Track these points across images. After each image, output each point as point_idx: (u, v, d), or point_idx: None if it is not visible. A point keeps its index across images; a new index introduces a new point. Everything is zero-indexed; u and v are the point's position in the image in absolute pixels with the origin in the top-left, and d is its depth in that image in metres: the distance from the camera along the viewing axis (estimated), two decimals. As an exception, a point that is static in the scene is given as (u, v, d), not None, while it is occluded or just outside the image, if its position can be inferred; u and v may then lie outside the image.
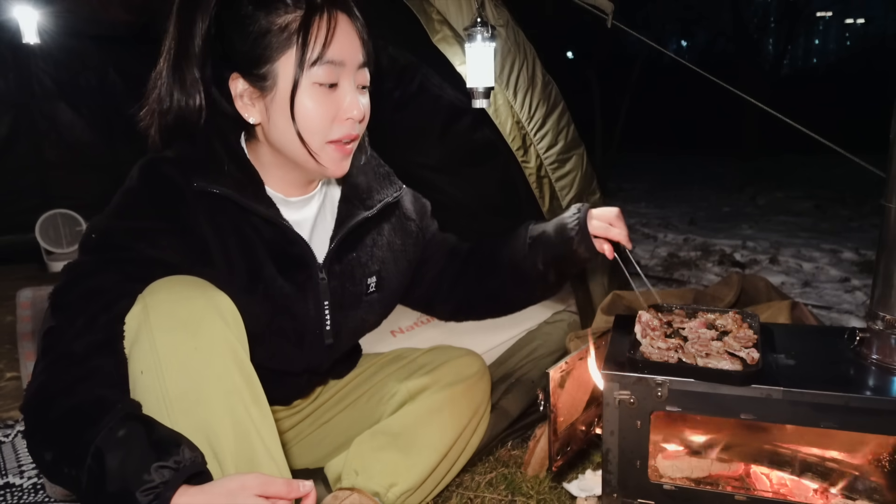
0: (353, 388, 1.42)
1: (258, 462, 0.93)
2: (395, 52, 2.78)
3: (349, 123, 1.05)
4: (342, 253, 1.19)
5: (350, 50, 1.03)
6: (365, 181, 1.23)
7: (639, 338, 1.24)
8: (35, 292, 2.80)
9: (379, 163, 1.28)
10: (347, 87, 1.04)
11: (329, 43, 1.00)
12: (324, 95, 1.02)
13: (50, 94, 3.61)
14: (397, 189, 1.27)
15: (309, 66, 1.00)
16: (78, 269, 0.98)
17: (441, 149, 3.01)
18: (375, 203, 1.22)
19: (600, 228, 1.23)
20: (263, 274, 1.09)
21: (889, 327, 1.14)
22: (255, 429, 0.93)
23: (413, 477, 1.26)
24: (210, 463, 0.88)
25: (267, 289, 1.09)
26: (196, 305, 0.92)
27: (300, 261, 1.13)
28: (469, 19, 1.63)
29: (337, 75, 1.03)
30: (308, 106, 1.02)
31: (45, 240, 3.39)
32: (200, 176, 1.03)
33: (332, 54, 1.01)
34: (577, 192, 1.89)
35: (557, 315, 2.16)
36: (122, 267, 0.97)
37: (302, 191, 1.16)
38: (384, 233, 1.26)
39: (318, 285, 1.16)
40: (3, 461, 1.58)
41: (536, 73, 1.80)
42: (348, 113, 1.04)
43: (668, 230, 4.66)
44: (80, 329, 0.92)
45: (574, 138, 1.90)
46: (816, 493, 1.24)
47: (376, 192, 1.23)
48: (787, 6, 9.78)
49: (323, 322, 1.18)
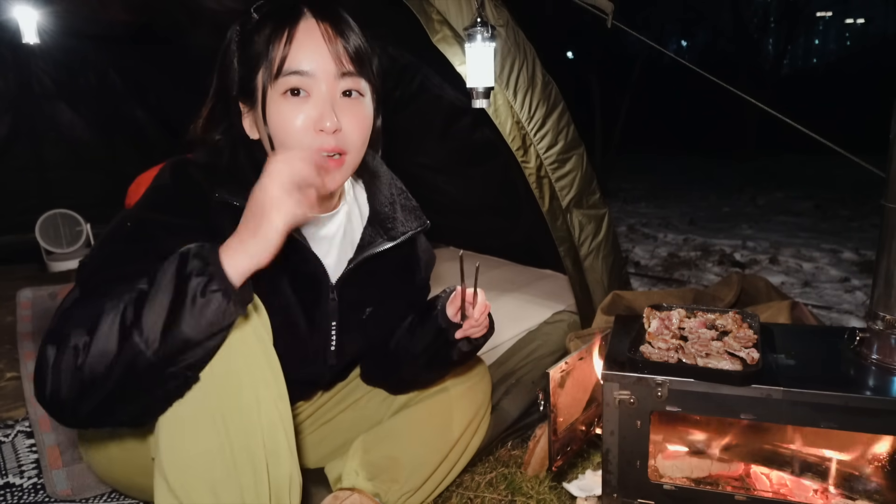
0: (354, 388, 1.42)
1: (281, 455, 0.93)
2: (395, 52, 2.78)
3: (324, 136, 1.03)
4: (356, 277, 1.19)
5: (318, 59, 1.02)
6: (391, 212, 1.23)
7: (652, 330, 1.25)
8: (35, 292, 2.80)
9: (407, 196, 1.28)
10: (320, 97, 1.03)
11: (288, 51, 1.01)
12: (294, 106, 1.02)
13: (50, 94, 3.60)
14: (422, 223, 1.27)
15: (273, 78, 1.01)
16: (112, 256, 0.96)
17: (441, 149, 3.01)
18: (399, 235, 1.22)
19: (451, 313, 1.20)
20: (277, 289, 1.09)
21: (889, 327, 1.14)
22: (282, 422, 0.94)
23: (414, 477, 1.26)
24: (240, 454, 0.89)
25: (278, 304, 1.09)
26: None
27: (313, 279, 1.14)
28: (469, 19, 1.63)
29: (305, 84, 1.02)
30: (277, 118, 1.03)
31: (45, 240, 3.39)
32: (223, 187, 1.03)
33: (294, 64, 1.01)
34: (576, 192, 1.89)
35: (557, 315, 2.16)
36: (157, 258, 0.95)
37: (321, 208, 1.15)
38: (396, 264, 1.26)
39: (329, 305, 1.16)
40: (3, 461, 1.58)
41: (536, 73, 1.80)
42: (320, 124, 1.02)
43: (668, 230, 4.66)
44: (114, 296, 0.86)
45: (574, 138, 1.90)
46: (816, 493, 1.24)
47: (401, 224, 1.23)
48: (787, 6, 9.78)
49: (329, 341, 1.19)
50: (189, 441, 0.88)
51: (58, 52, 3.43)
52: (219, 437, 0.88)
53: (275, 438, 0.92)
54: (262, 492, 0.91)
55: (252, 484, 0.90)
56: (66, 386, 0.82)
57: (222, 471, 0.89)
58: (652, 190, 6.64)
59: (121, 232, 0.99)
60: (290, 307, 1.11)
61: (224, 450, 0.88)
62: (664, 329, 1.28)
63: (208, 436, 0.88)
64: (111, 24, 3.16)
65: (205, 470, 0.88)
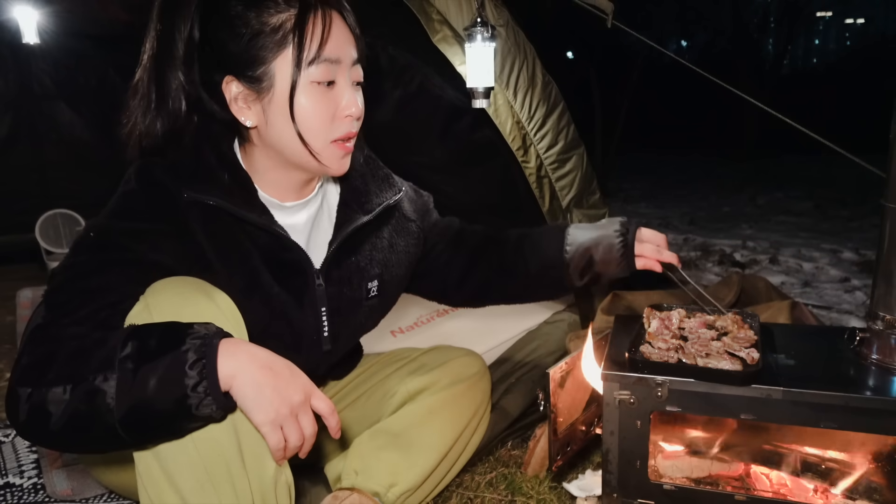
0: (352, 388, 1.42)
1: (264, 462, 0.92)
2: (395, 52, 2.78)
3: (348, 121, 1.06)
4: (341, 258, 1.18)
5: (345, 47, 1.03)
6: (363, 184, 1.22)
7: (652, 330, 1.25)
8: (35, 292, 2.80)
9: (377, 165, 1.27)
10: (344, 84, 1.05)
11: (325, 41, 1.00)
12: (322, 94, 1.02)
13: (50, 94, 3.60)
14: (397, 192, 1.26)
15: (306, 65, 1.00)
16: (76, 268, 0.96)
17: (441, 149, 3.01)
18: (374, 207, 1.21)
19: (652, 251, 1.27)
20: (259, 280, 1.08)
21: (889, 327, 1.14)
22: None
23: (413, 477, 1.26)
24: (213, 462, 0.88)
25: (263, 295, 1.09)
26: (198, 306, 0.92)
27: (296, 267, 1.13)
28: (469, 19, 1.63)
29: (334, 73, 1.03)
30: (307, 105, 1.01)
31: (45, 240, 3.39)
32: (190, 186, 1.02)
33: (329, 52, 1.01)
34: (577, 192, 1.89)
35: (557, 315, 2.16)
36: (123, 268, 0.96)
37: (298, 195, 1.15)
38: (384, 236, 1.26)
39: (316, 291, 1.15)
40: (3, 461, 1.58)
41: (536, 73, 1.80)
42: (347, 110, 1.04)
43: (668, 230, 4.66)
44: (80, 319, 0.90)
45: (574, 138, 1.90)
46: (816, 493, 1.24)
47: (375, 196, 1.22)
48: (787, 6, 9.77)
49: (321, 328, 1.18)
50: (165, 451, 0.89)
51: (58, 52, 3.43)
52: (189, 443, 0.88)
53: (258, 440, 0.91)
54: (242, 494, 0.90)
55: (230, 491, 0.89)
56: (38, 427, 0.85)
57: (193, 481, 0.88)
58: (652, 190, 6.64)
59: (85, 244, 0.98)
60: (276, 298, 1.10)
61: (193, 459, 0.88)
62: (664, 329, 1.28)
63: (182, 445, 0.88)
64: (111, 24, 3.15)
65: (181, 479, 0.88)
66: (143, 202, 1.02)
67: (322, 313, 1.17)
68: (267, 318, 1.09)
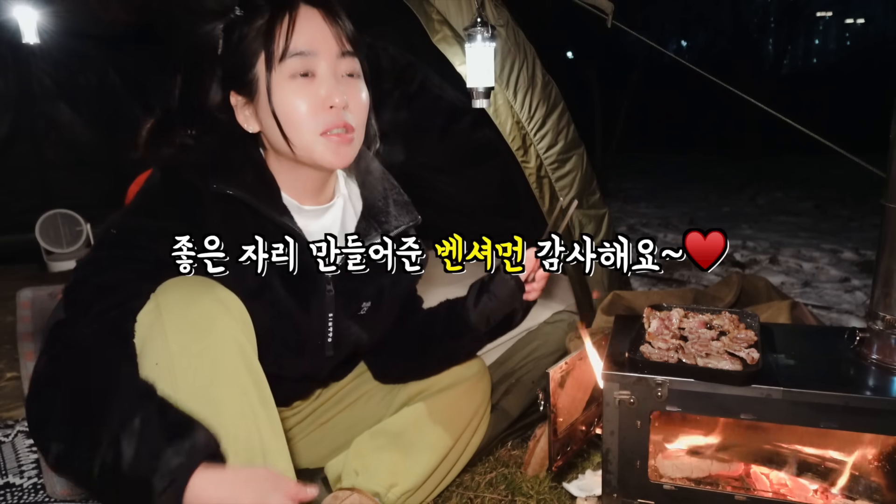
0: (353, 388, 1.42)
1: (270, 457, 0.93)
2: (395, 52, 2.78)
3: (334, 112, 1.05)
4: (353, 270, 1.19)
5: (321, 39, 1.04)
6: (384, 206, 1.24)
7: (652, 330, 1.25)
8: (35, 292, 2.80)
9: (399, 192, 1.28)
10: (325, 76, 1.05)
11: (291, 34, 1.02)
12: (301, 87, 1.03)
13: (50, 94, 3.60)
14: (413, 219, 1.27)
15: (278, 61, 1.02)
16: (93, 264, 0.99)
17: (441, 149, 3.01)
18: (392, 229, 1.22)
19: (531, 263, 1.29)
20: (270, 281, 1.09)
21: (889, 327, 1.14)
22: (263, 430, 0.94)
23: (413, 477, 1.26)
24: None
25: (272, 296, 1.09)
26: (207, 306, 0.93)
27: (310, 271, 1.13)
28: (469, 19, 1.63)
29: (310, 65, 1.04)
30: (285, 100, 1.03)
31: (45, 240, 3.39)
32: (219, 178, 1.04)
33: (299, 45, 1.02)
34: (576, 192, 1.89)
35: (557, 315, 2.16)
36: (136, 265, 0.97)
37: (315, 199, 1.16)
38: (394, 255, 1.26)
39: (325, 297, 1.16)
40: (3, 461, 1.58)
41: (536, 73, 1.80)
42: (329, 101, 1.04)
43: (668, 230, 4.66)
44: (90, 321, 0.92)
45: (574, 138, 1.90)
46: (816, 493, 1.24)
47: (394, 219, 1.23)
48: (787, 6, 9.77)
49: (325, 333, 1.19)
50: None
51: (58, 52, 3.43)
52: None
53: (258, 448, 0.92)
54: None
55: None
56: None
57: None
58: (652, 190, 6.64)
59: (105, 239, 1.01)
60: (285, 300, 1.11)
61: None
62: (664, 329, 1.28)
63: None
64: (111, 24, 3.15)
65: None
66: (163, 200, 1.03)
67: (329, 319, 1.18)
68: (274, 320, 1.10)
